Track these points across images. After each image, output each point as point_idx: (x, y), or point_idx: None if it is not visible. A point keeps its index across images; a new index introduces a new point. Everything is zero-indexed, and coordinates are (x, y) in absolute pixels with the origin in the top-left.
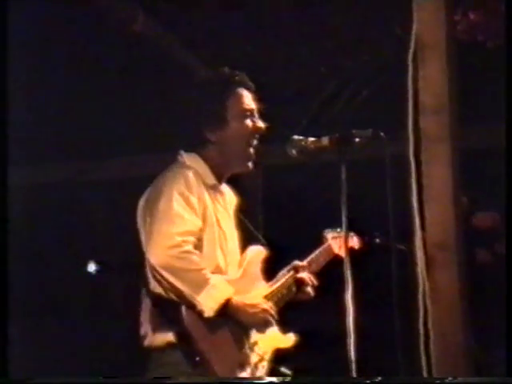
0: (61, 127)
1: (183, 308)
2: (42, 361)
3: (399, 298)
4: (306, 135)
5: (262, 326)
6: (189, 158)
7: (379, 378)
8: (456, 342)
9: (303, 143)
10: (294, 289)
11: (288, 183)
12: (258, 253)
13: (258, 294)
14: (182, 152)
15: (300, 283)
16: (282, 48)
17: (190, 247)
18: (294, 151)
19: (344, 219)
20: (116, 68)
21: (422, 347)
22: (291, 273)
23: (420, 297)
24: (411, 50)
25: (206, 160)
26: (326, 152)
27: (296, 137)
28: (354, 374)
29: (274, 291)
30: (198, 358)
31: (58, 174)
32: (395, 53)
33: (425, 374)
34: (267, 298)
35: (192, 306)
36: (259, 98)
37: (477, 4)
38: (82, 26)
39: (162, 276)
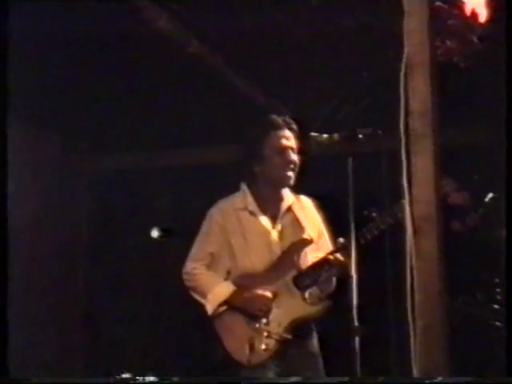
0: (130, 121)
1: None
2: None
3: (392, 258)
4: (321, 133)
5: (260, 313)
6: (243, 190)
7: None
8: (434, 292)
9: (319, 139)
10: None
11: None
12: (298, 242)
13: (288, 277)
14: (242, 183)
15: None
16: (301, 68)
17: (198, 270)
18: (312, 145)
19: (350, 198)
20: (175, 79)
21: (408, 293)
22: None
23: (408, 257)
24: (403, 67)
25: (252, 191)
26: (336, 146)
27: (313, 134)
28: (356, 322)
29: (305, 272)
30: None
31: (127, 162)
32: (388, 70)
33: (410, 318)
34: (295, 279)
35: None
36: (299, 135)
37: (452, 34)
38: (143, 50)
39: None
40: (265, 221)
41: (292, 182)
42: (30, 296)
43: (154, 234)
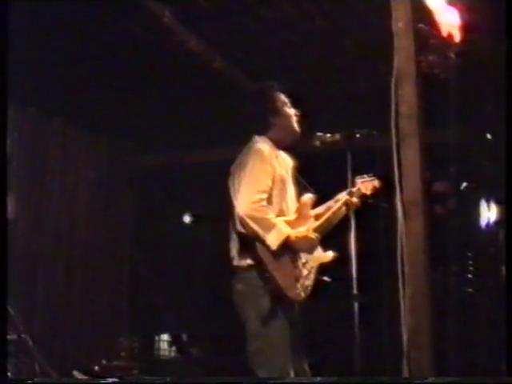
0: (167, 124)
1: (257, 243)
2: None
3: (386, 237)
4: (325, 133)
5: (309, 249)
6: (261, 139)
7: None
8: (421, 264)
9: (323, 137)
10: (343, 209)
11: (313, 165)
12: (309, 199)
13: (309, 228)
14: (256, 136)
15: (350, 203)
16: (311, 83)
17: (264, 202)
18: (317, 142)
19: (350, 187)
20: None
21: (399, 266)
22: (346, 197)
23: (399, 235)
24: (393, 78)
25: (270, 139)
26: (338, 143)
27: (318, 133)
28: (355, 290)
29: (321, 223)
30: (267, 274)
31: (165, 159)
32: (381, 81)
33: (400, 283)
34: (315, 229)
35: (263, 242)
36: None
37: (433, 51)
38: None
39: (246, 222)
40: (287, 171)
41: (298, 134)
42: (86, 272)
43: (186, 219)
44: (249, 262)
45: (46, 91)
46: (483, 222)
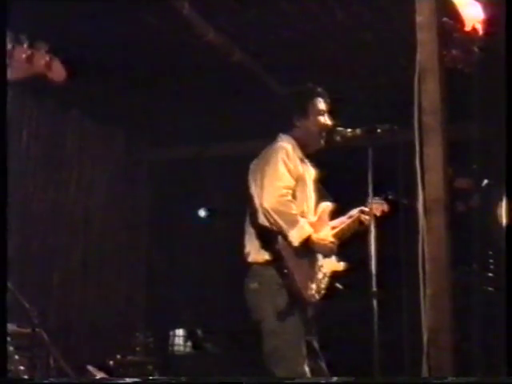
0: (184, 118)
1: (279, 237)
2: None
3: (407, 234)
4: (346, 128)
5: (328, 253)
6: (286, 138)
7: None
8: (442, 263)
9: (344, 133)
10: (356, 225)
11: (334, 160)
12: (327, 206)
13: (327, 234)
14: (281, 134)
15: (361, 221)
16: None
17: (289, 197)
18: (338, 138)
19: (370, 184)
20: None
21: (420, 264)
22: (357, 214)
23: (420, 232)
24: (416, 72)
25: (295, 140)
26: (359, 139)
27: (339, 128)
28: (374, 287)
29: (337, 232)
30: (285, 271)
31: (185, 153)
32: (404, 75)
33: (421, 284)
34: (334, 236)
35: (285, 237)
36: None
37: (457, 45)
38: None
39: (271, 215)
40: (310, 176)
41: (321, 144)
42: (104, 265)
43: (202, 213)
44: (266, 257)
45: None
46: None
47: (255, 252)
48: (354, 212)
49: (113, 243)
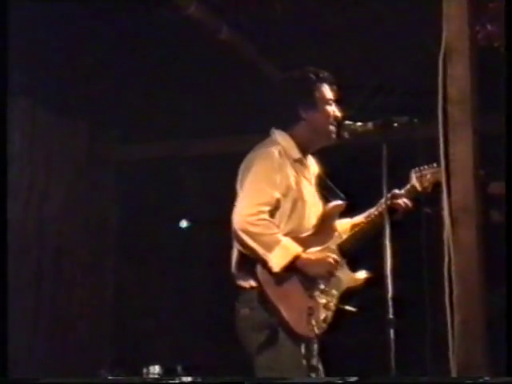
0: (159, 110)
1: (258, 265)
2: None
3: (429, 250)
4: (355, 121)
5: (326, 275)
6: (279, 135)
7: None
8: (473, 285)
9: (353, 127)
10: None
11: (340, 159)
12: (335, 207)
13: (332, 244)
14: (274, 129)
15: (397, 206)
16: (334, 56)
17: (265, 215)
18: (346, 134)
19: (384, 188)
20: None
21: (446, 286)
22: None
23: (446, 248)
24: (441, 53)
25: (294, 137)
26: (370, 134)
27: (347, 122)
28: (390, 315)
29: (347, 239)
30: (269, 305)
31: (156, 151)
32: (426, 56)
33: (448, 311)
34: (340, 246)
35: (263, 262)
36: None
37: (493, 18)
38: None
39: (242, 238)
40: (311, 179)
41: (333, 139)
42: (59, 287)
43: (183, 224)
44: (252, 283)
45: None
46: None
47: (241, 275)
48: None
49: (72, 261)
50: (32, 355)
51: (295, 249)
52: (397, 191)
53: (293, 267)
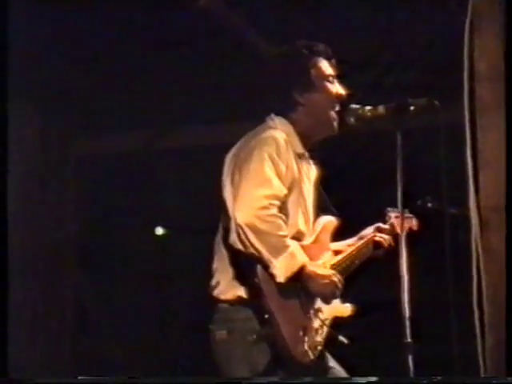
0: (129, 93)
1: (259, 266)
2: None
3: (454, 257)
4: (363, 104)
5: (329, 297)
6: (280, 122)
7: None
8: (504, 293)
9: (360, 111)
10: (370, 249)
11: (345, 150)
12: (330, 222)
13: (325, 263)
14: (273, 115)
15: (378, 243)
16: (336, 21)
17: (275, 211)
18: (351, 119)
19: (399, 185)
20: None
21: (474, 301)
22: (372, 234)
23: (474, 256)
24: (468, 20)
25: (294, 125)
26: (382, 120)
27: (353, 105)
28: (408, 338)
29: (343, 259)
30: (267, 316)
31: (123, 143)
32: (449, 25)
33: (478, 333)
34: (333, 266)
35: (266, 267)
36: (338, 67)
37: None
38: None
39: (246, 235)
40: (310, 179)
41: (336, 128)
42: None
43: (158, 231)
44: (240, 293)
45: None
46: None
47: (225, 284)
48: (367, 231)
49: (25, 269)
50: None
51: (302, 258)
52: (381, 225)
53: (297, 278)
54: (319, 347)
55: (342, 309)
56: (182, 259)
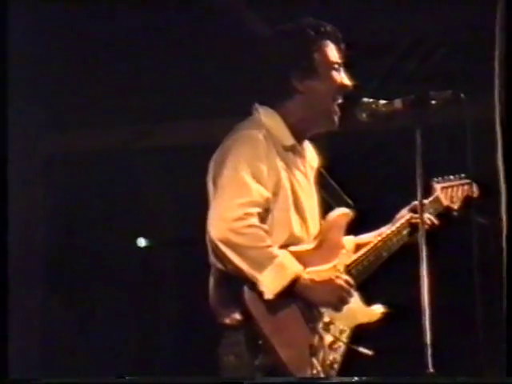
0: (107, 88)
1: (245, 287)
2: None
3: (482, 272)
4: (377, 97)
5: (337, 304)
6: (265, 114)
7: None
8: None
9: (374, 106)
10: (405, 234)
11: (356, 151)
12: (341, 216)
13: (337, 265)
14: (258, 106)
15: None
16: (347, 4)
17: (254, 220)
18: (363, 115)
19: (419, 190)
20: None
21: (504, 322)
22: (407, 216)
23: (504, 271)
24: None
25: (285, 116)
26: (399, 116)
27: (366, 99)
28: (431, 368)
29: (358, 259)
30: (260, 342)
31: (99, 141)
32: (479, 2)
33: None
34: (349, 267)
35: (253, 285)
36: (347, 53)
37: None
38: None
39: (222, 251)
40: (309, 170)
41: (336, 123)
42: None
43: (141, 242)
44: (237, 316)
45: None
46: None
47: (222, 307)
48: (403, 213)
49: None
50: None
51: (294, 268)
52: (417, 202)
53: (291, 292)
54: (336, 365)
55: (367, 313)
56: (168, 274)
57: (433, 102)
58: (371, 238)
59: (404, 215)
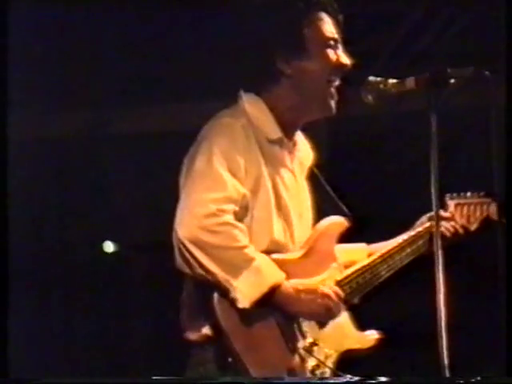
0: (72, 70)
1: (216, 295)
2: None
3: (504, 284)
4: (386, 76)
5: (322, 315)
6: (249, 102)
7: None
8: None
9: (382, 86)
10: (421, 244)
11: (359, 143)
12: (334, 225)
13: (325, 280)
14: (242, 93)
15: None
16: None
17: (228, 217)
18: (370, 97)
19: (434, 184)
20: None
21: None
22: (427, 224)
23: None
24: None
25: (271, 104)
26: (411, 97)
27: (372, 78)
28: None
29: (352, 275)
30: (230, 359)
31: (67, 126)
32: None
33: None
34: (341, 283)
35: (225, 293)
36: (344, 27)
37: None
38: None
39: (191, 252)
40: (297, 167)
41: (333, 108)
42: None
43: (109, 247)
44: (206, 331)
45: None
46: None
47: (189, 320)
48: (424, 220)
49: None
50: None
51: (275, 274)
52: (442, 212)
53: (270, 302)
54: None
55: (359, 338)
56: (138, 282)
57: (451, 80)
58: (387, 246)
59: (424, 222)
